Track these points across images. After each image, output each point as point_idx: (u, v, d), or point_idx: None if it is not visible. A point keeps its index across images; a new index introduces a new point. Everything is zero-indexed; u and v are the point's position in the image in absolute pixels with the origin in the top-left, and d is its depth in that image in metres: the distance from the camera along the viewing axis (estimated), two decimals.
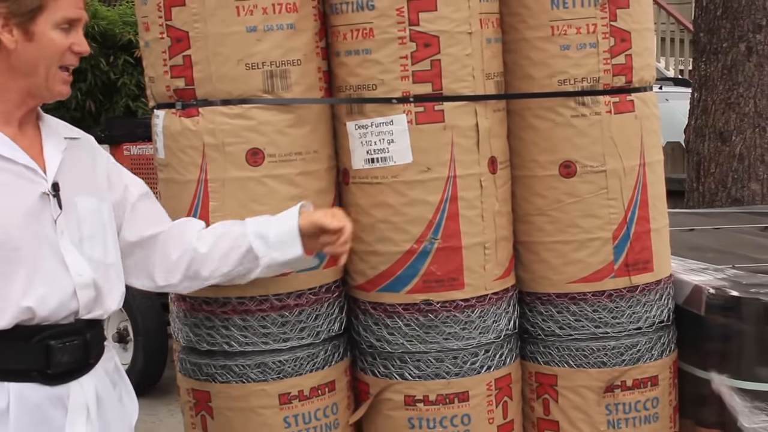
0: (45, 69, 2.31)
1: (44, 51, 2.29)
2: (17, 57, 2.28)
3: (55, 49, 2.30)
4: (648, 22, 2.97)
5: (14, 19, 2.24)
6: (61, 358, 2.30)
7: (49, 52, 2.30)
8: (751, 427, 2.84)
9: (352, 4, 2.75)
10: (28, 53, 2.28)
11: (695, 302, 2.98)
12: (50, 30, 2.28)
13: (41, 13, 2.25)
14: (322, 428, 2.84)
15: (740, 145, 5.07)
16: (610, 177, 2.86)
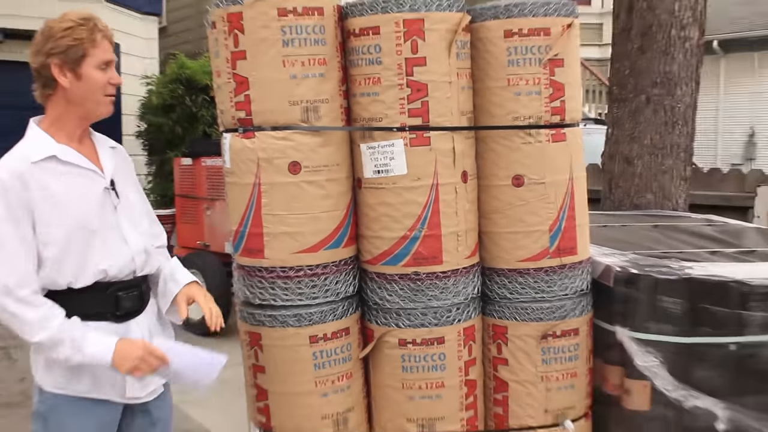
0: (93, 99, 2.40)
1: (90, 86, 2.37)
2: (72, 92, 2.37)
3: (98, 84, 2.38)
4: (577, 78, 3.04)
5: (66, 66, 2.33)
6: (125, 304, 2.47)
7: (94, 87, 2.38)
8: (643, 365, 2.95)
9: (365, 59, 2.85)
10: (79, 89, 2.37)
11: (606, 276, 3.08)
12: (93, 71, 2.36)
13: (85, 59, 2.34)
14: (339, 361, 2.94)
15: (640, 167, 5.15)
16: (548, 187, 2.95)
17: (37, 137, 2.40)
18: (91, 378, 2.41)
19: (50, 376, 2.40)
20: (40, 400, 2.43)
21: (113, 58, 2.44)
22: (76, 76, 2.36)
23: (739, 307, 2.99)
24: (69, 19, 2.37)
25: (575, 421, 3.10)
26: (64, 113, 2.42)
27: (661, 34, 5.18)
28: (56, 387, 2.40)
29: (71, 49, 2.33)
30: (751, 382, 3.04)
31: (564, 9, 2.98)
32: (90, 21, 2.39)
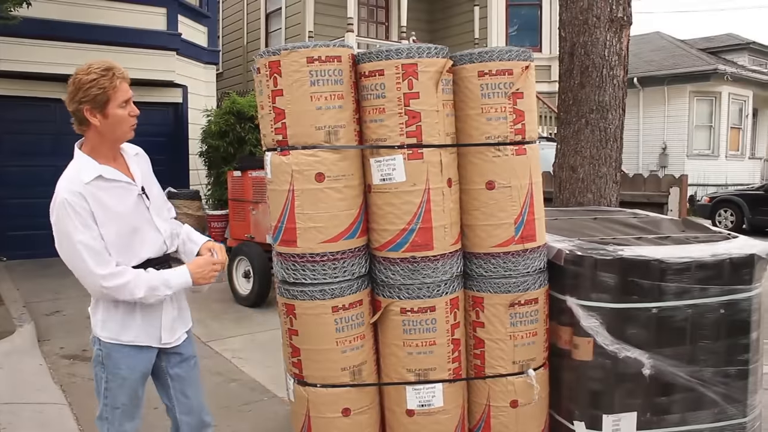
0: (119, 130, 2.45)
1: (116, 121, 2.41)
2: (102, 128, 2.41)
3: (121, 119, 2.42)
4: (533, 106, 3.01)
5: (96, 110, 2.37)
6: None
7: (119, 121, 2.42)
8: (587, 325, 2.95)
9: (373, 94, 2.83)
10: (107, 125, 2.41)
11: (558, 257, 3.05)
12: (116, 110, 2.40)
13: (109, 102, 2.37)
14: (354, 325, 2.91)
15: (582, 174, 5.14)
16: (513, 189, 2.93)
17: (84, 161, 2.44)
18: (136, 330, 2.53)
19: (106, 329, 2.52)
20: (99, 348, 2.55)
21: (130, 96, 2.46)
22: (103, 116, 2.40)
23: (659, 280, 2.97)
24: (93, 71, 2.38)
25: (536, 369, 3.08)
26: (99, 142, 2.47)
27: (595, 73, 5.19)
28: (110, 338, 2.53)
29: (98, 96, 2.37)
30: (668, 337, 3.02)
31: (522, 55, 2.97)
32: (110, 71, 2.40)
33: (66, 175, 2.41)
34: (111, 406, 2.56)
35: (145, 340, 2.56)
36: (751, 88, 20.87)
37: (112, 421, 2.56)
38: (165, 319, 2.61)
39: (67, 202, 2.32)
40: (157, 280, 2.46)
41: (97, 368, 2.57)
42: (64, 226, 2.33)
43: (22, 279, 8.71)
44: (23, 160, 10.21)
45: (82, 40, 9.92)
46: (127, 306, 2.49)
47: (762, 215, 14.78)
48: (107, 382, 2.54)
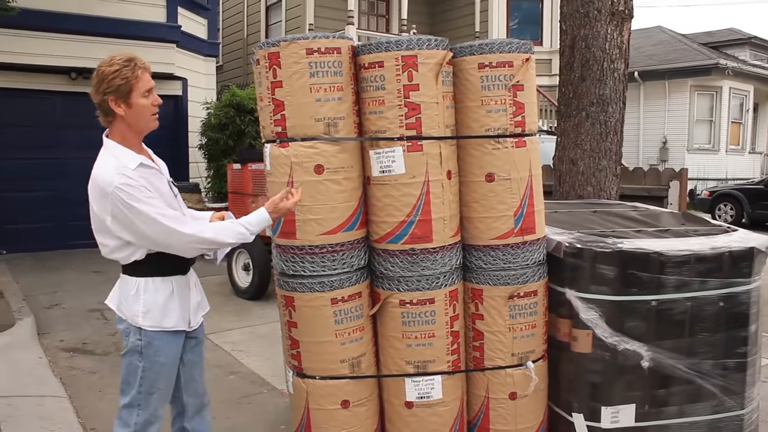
0: (143, 119, 2.48)
1: (140, 111, 2.46)
2: (127, 118, 2.45)
3: (145, 108, 2.46)
4: (534, 99, 3.00)
5: (120, 100, 2.41)
6: (190, 261, 2.64)
7: (142, 111, 2.46)
8: (586, 317, 2.96)
9: (373, 86, 2.84)
10: (132, 115, 2.45)
11: (558, 250, 3.05)
12: (139, 99, 2.44)
13: (132, 92, 2.41)
14: (353, 317, 2.92)
15: (582, 167, 5.13)
16: (513, 182, 2.93)
17: (122, 151, 2.47)
18: (176, 315, 2.57)
19: (149, 318, 2.52)
20: (139, 338, 2.53)
21: (153, 85, 2.50)
22: (127, 106, 2.44)
23: (658, 273, 2.97)
24: (115, 63, 2.43)
25: (535, 361, 3.09)
26: (126, 132, 2.50)
27: (596, 66, 5.18)
28: (153, 326, 2.53)
29: (121, 87, 2.41)
30: (668, 330, 3.02)
31: (523, 47, 2.96)
32: (131, 61, 2.44)
33: (108, 165, 2.42)
34: (146, 392, 2.58)
35: (183, 325, 2.62)
36: (752, 82, 20.85)
37: (145, 407, 2.58)
38: (192, 304, 2.68)
39: (126, 185, 2.35)
40: (240, 226, 2.53)
41: (132, 357, 2.56)
42: (132, 206, 2.36)
43: (22, 272, 8.71)
44: (22, 153, 10.19)
45: (81, 32, 9.89)
46: (167, 293, 2.55)
47: (762, 209, 14.78)
48: (144, 370, 2.55)
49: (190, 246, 2.47)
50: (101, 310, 6.87)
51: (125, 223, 2.39)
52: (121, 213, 2.37)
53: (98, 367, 5.11)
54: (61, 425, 3.97)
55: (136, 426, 2.57)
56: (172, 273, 2.57)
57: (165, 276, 2.55)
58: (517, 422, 3.09)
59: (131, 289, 2.53)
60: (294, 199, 2.64)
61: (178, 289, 2.59)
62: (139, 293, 2.52)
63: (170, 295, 2.56)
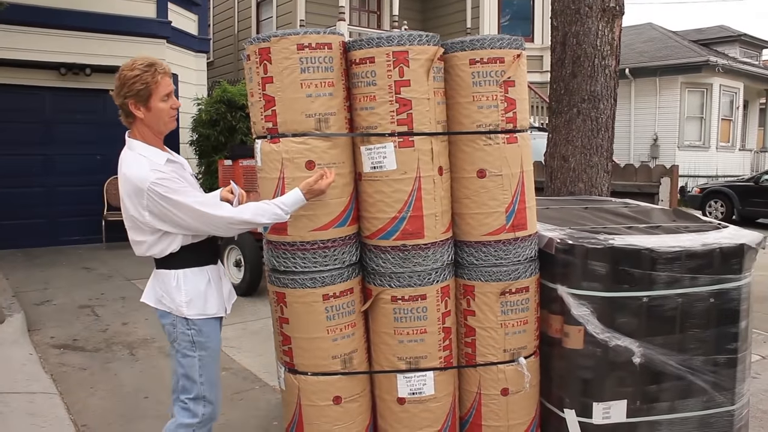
0: (162, 122, 2.56)
1: (158, 114, 2.54)
2: (147, 120, 2.54)
3: (163, 112, 2.54)
4: (525, 95, 2.99)
5: (140, 103, 2.50)
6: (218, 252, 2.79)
7: (161, 114, 2.54)
8: (578, 314, 2.96)
9: (364, 82, 2.82)
10: (151, 117, 2.54)
11: (549, 246, 3.05)
12: (158, 103, 2.52)
13: (152, 96, 2.50)
14: (345, 313, 2.92)
15: (573, 163, 5.14)
16: (504, 178, 2.92)
17: (150, 149, 2.56)
18: (216, 302, 2.69)
19: (193, 307, 2.62)
20: (188, 328, 2.62)
21: (172, 89, 2.58)
22: (147, 109, 2.52)
23: (649, 269, 2.97)
24: (136, 68, 2.49)
25: (527, 357, 3.09)
26: (147, 132, 2.58)
27: (587, 63, 5.18)
28: (199, 314, 2.63)
29: (141, 91, 2.48)
30: (659, 326, 3.03)
31: (514, 43, 2.95)
32: (152, 67, 2.51)
33: (140, 163, 2.49)
34: (209, 382, 2.68)
35: (221, 310, 2.74)
36: (742, 80, 20.94)
37: (211, 398, 2.68)
38: (225, 291, 2.80)
39: (161, 179, 2.44)
40: (276, 207, 2.60)
41: (186, 350, 2.64)
42: (169, 200, 2.45)
43: (11, 269, 8.66)
44: (12, 149, 10.13)
45: (71, 28, 9.85)
46: (206, 282, 2.66)
47: (752, 206, 14.86)
48: (201, 359, 2.65)
49: (230, 227, 2.57)
50: (92, 306, 6.84)
51: (165, 216, 2.48)
52: (159, 206, 2.45)
53: (89, 364, 5.09)
54: (51, 422, 3.95)
55: (203, 417, 2.68)
56: (206, 263, 2.69)
57: (200, 266, 2.66)
58: (509, 418, 3.09)
59: (171, 281, 2.61)
60: (328, 179, 2.71)
61: (213, 278, 2.71)
62: (180, 284, 2.61)
63: (207, 283, 2.67)
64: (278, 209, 2.59)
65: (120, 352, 5.43)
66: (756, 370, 4.80)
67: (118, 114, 2.58)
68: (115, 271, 8.53)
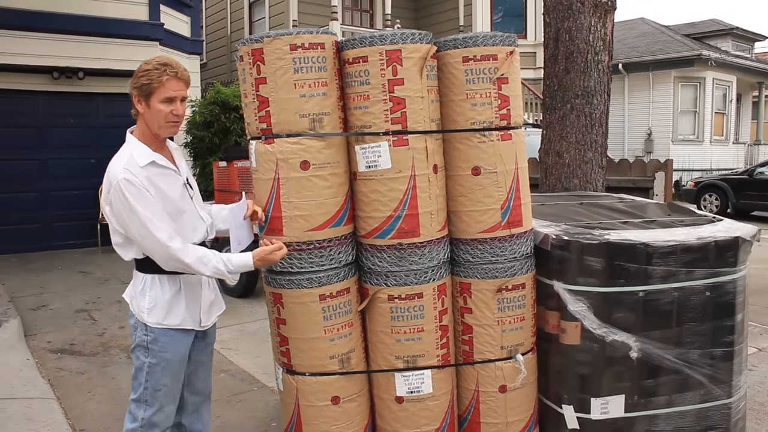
0: (157, 123, 2.50)
1: (155, 114, 2.49)
2: (145, 117, 2.51)
3: (161, 114, 2.48)
4: (518, 92, 3.00)
5: (141, 97, 2.48)
6: None
7: (158, 115, 2.48)
8: (574, 309, 2.96)
9: (357, 81, 2.82)
10: (149, 116, 2.50)
11: (545, 242, 3.05)
12: (158, 104, 2.47)
13: (153, 94, 2.46)
14: (342, 313, 2.91)
15: (568, 159, 5.14)
16: (499, 175, 2.92)
17: (138, 147, 2.53)
18: (181, 314, 2.61)
19: (153, 315, 2.57)
20: (145, 334, 2.59)
21: (177, 95, 2.51)
22: (147, 106, 2.50)
23: (645, 263, 2.97)
24: (150, 63, 2.49)
25: (524, 354, 3.09)
26: (145, 130, 2.56)
27: (580, 59, 5.19)
28: (157, 323, 2.58)
29: (144, 86, 2.47)
30: (655, 320, 3.03)
31: (507, 40, 2.95)
32: (163, 66, 2.48)
33: (120, 158, 2.49)
34: (152, 388, 2.61)
35: (189, 323, 2.65)
36: (735, 73, 21.00)
37: (151, 402, 2.62)
38: (204, 303, 2.71)
39: (127, 180, 2.40)
40: (221, 263, 2.53)
41: (139, 353, 2.61)
42: (128, 204, 2.41)
43: (7, 274, 8.64)
44: (5, 154, 10.10)
45: (63, 31, 9.82)
46: (174, 291, 2.59)
47: (746, 199, 14.91)
48: (150, 366, 2.60)
49: (167, 262, 2.49)
50: (88, 310, 6.83)
51: (119, 217, 2.45)
52: (118, 206, 2.43)
53: (86, 368, 5.08)
54: (50, 427, 3.94)
55: (143, 421, 2.63)
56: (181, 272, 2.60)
57: (172, 274, 2.58)
58: (507, 415, 3.09)
59: (139, 284, 2.60)
60: (283, 252, 2.69)
61: (187, 288, 2.63)
62: (145, 289, 2.58)
63: (177, 293, 2.60)
64: (222, 265, 2.53)
65: (117, 355, 5.42)
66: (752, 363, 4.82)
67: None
68: (111, 275, 8.51)
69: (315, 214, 2.82)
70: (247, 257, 2.61)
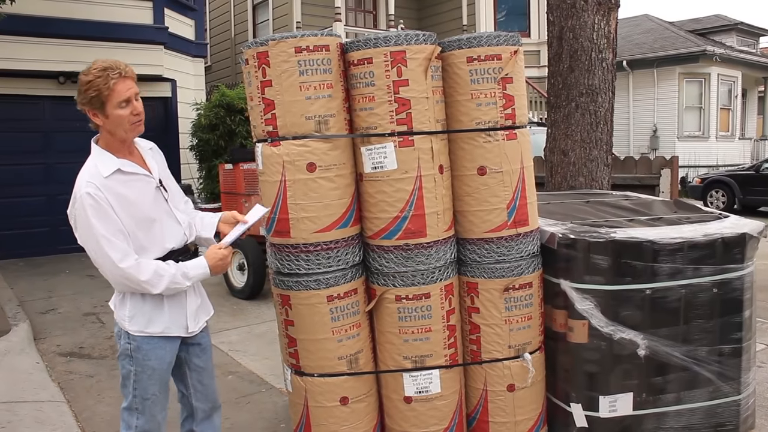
0: (122, 128, 2.41)
1: (116, 120, 2.39)
2: (106, 126, 2.42)
3: (122, 119, 2.39)
4: (523, 91, 3.00)
5: (95, 110, 2.38)
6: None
7: (119, 121, 2.39)
8: (582, 308, 2.97)
9: (362, 82, 2.83)
10: (110, 124, 2.40)
11: (551, 241, 3.05)
12: (115, 109, 2.37)
13: (106, 103, 2.35)
14: (350, 314, 2.92)
15: (573, 157, 5.14)
16: (505, 174, 2.92)
17: (102, 156, 2.46)
18: (164, 321, 2.55)
19: (134, 323, 2.53)
20: (128, 342, 2.55)
21: (131, 95, 2.41)
22: (104, 116, 2.40)
23: (652, 261, 2.97)
24: (90, 73, 2.38)
25: (532, 353, 3.10)
26: (110, 138, 2.47)
27: (584, 57, 5.19)
28: (139, 331, 2.53)
29: (93, 99, 2.37)
30: (663, 318, 3.03)
31: (511, 39, 2.96)
32: (105, 71, 2.37)
33: (85, 170, 2.42)
34: (141, 397, 2.58)
35: (174, 330, 2.59)
36: (740, 68, 20.92)
37: (142, 410, 2.59)
38: (190, 308, 2.65)
39: (89, 195, 2.34)
40: (176, 275, 2.47)
41: (124, 361, 2.58)
42: (87, 219, 2.35)
43: (15, 278, 8.68)
44: (12, 159, 10.15)
45: (68, 36, 9.84)
46: (155, 299, 2.52)
47: (753, 195, 14.86)
48: (136, 374, 2.56)
49: (117, 281, 2.43)
50: (97, 313, 6.86)
51: (79, 231, 2.40)
52: (78, 219, 2.39)
53: (95, 371, 5.10)
54: (61, 429, 3.96)
55: (137, 429, 2.59)
56: None
57: None
58: (515, 414, 3.10)
59: (119, 293, 2.55)
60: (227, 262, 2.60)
61: (170, 296, 2.56)
62: (126, 298, 2.53)
63: (159, 301, 2.54)
64: (180, 276, 2.47)
65: None
66: (761, 359, 4.81)
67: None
68: None
69: (322, 215, 2.83)
70: (202, 265, 2.54)
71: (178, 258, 2.57)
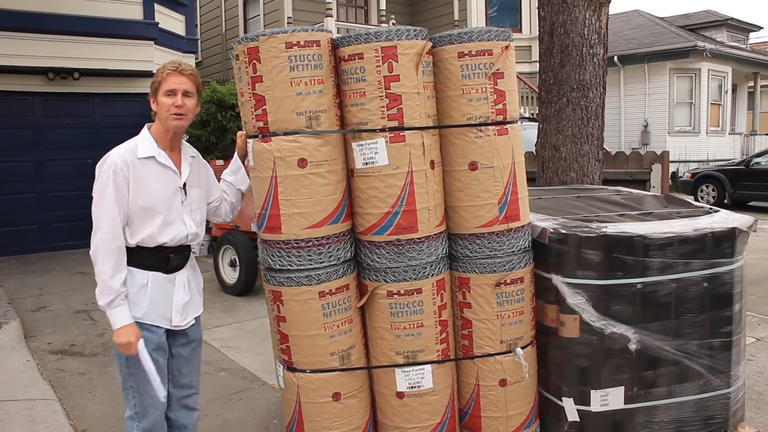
0: (163, 116, 2.65)
1: (161, 108, 2.64)
2: (157, 114, 2.68)
3: (164, 106, 2.63)
4: (514, 86, 3.00)
5: (153, 96, 2.68)
6: (173, 263, 2.73)
7: (162, 109, 2.64)
8: (573, 302, 2.98)
9: (353, 78, 2.83)
10: (158, 111, 2.66)
11: (543, 236, 3.06)
12: (162, 97, 2.64)
13: (158, 90, 2.65)
14: (342, 310, 2.92)
15: (564, 153, 5.14)
16: (496, 170, 2.92)
17: (147, 140, 2.68)
18: (144, 308, 2.66)
19: None
20: None
21: (178, 88, 2.63)
22: (156, 102, 2.67)
23: (643, 255, 2.99)
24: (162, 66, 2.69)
25: (524, 348, 3.10)
26: (158, 125, 2.70)
27: (575, 52, 5.20)
28: None
29: (153, 84, 2.67)
30: (654, 312, 3.05)
31: (502, 35, 2.96)
32: (169, 64, 2.68)
33: (125, 143, 2.65)
34: (141, 405, 2.71)
35: (155, 320, 2.69)
36: (730, 64, 21.00)
37: (138, 388, 2.69)
38: (176, 302, 2.75)
39: (116, 165, 2.55)
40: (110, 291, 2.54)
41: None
42: (104, 185, 2.56)
43: (6, 276, 8.63)
44: (1, 156, 10.07)
45: (58, 32, 9.78)
46: (139, 285, 2.65)
47: (743, 189, 14.94)
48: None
49: (92, 251, 2.60)
50: (88, 311, 6.83)
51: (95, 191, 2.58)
52: (97, 182, 2.58)
53: (87, 369, 5.09)
54: (52, 428, 3.95)
55: (136, 408, 2.71)
56: (148, 268, 2.68)
57: (141, 269, 2.66)
58: (507, 408, 3.11)
59: None
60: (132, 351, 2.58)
61: (155, 286, 2.69)
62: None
63: (142, 287, 2.66)
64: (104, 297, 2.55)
65: None
66: (751, 353, 4.84)
67: None
68: None
69: (313, 211, 2.83)
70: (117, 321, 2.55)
71: (168, 255, 2.70)
